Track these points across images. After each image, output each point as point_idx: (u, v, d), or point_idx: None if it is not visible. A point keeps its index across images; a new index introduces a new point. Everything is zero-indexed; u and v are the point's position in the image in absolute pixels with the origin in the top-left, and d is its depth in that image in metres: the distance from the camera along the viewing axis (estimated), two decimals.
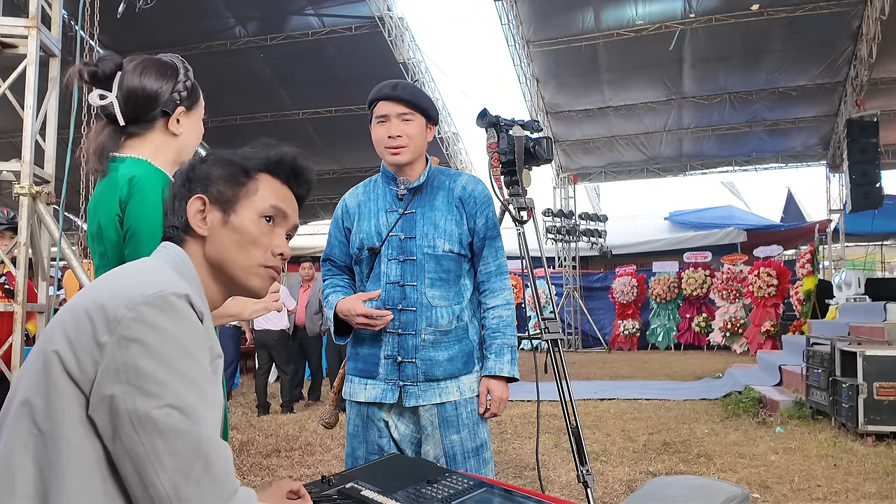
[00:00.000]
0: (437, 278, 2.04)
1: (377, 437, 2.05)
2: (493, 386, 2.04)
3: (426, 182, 2.11)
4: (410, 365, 2.02)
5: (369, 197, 2.16)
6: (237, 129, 14.12)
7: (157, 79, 1.57)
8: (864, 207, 11.39)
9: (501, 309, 2.08)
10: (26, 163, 3.20)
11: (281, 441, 5.49)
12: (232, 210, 1.14)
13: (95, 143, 1.59)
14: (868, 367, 4.97)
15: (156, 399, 0.88)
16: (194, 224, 1.13)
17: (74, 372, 0.90)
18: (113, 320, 0.90)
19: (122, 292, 0.94)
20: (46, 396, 0.90)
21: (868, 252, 19.12)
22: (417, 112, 2.05)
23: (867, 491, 3.82)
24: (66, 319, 0.95)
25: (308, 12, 11.16)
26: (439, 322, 2.03)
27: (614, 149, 15.89)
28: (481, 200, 2.11)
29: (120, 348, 0.89)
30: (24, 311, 3.24)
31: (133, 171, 1.53)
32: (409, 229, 2.06)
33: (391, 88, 2.07)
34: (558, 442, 5.06)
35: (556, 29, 12.06)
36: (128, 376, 0.88)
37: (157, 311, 0.92)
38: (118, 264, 1.55)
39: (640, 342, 14.71)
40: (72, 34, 8.36)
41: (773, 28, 11.44)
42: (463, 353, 2.05)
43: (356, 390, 2.08)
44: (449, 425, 2.02)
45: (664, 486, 1.62)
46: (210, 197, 1.14)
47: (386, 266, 2.06)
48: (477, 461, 2.04)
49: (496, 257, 2.12)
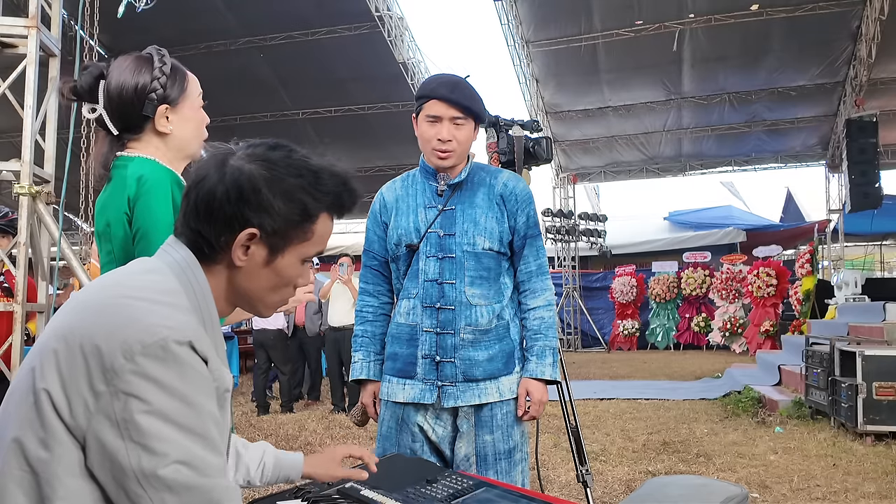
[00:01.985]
0: (477, 276, 2.00)
1: (410, 441, 2.02)
2: (532, 388, 2.00)
3: (467, 178, 2.06)
4: (449, 364, 1.98)
5: (407, 192, 2.10)
6: (237, 129, 14.11)
7: (131, 77, 1.53)
8: (863, 207, 11.39)
9: (543, 310, 2.04)
10: (26, 162, 3.20)
11: (281, 441, 5.49)
12: (280, 253, 1.03)
13: (99, 155, 1.60)
14: (867, 366, 4.97)
15: (162, 457, 0.84)
16: (236, 254, 1.01)
17: (66, 416, 0.86)
18: (109, 370, 0.85)
19: (120, 333, 0.87)
20: (41, 438, 0.86)
21: (867, 252, 19.11)
22: (470, 117, 1.99)
23: (866, 490, 3.82)
24: (59, 351, 0.89)
25: (308, 12, 11.14)
26: (479, 321, 1.99)
27: (614, 149, 15.88)
28: (522, 198, 2.06)
29: (118, 402, 0.84)
30: (24, 310, 3.24)
31: (142, 170, 1.52)
32: (449, 226, 2.01)
33: (449, 90, 1.96)
34: (558, 442, 5.06)
35: (556, 29, 12.06)
36: (129, 433, 0.84)
37: (157, 362, 0.86)
38: (125, 262, 1.56)
39: (640, 342, 14.71)
40: (71, 34, 8.36)
41: (773, 28, 11.43)
42: (504, 354, 2.01)
43: (394, 390, 2.04)
44: (483, 426, 1.99)
45: (663, 485, 1.62)
46: (263, 233, 1.00)
47: (424, 263, 2.01)
48: (508, 463, 2.00)
49: (537, 256, 2.07)
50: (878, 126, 11.19)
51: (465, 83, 2.03)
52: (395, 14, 11.66)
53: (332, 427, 6.05)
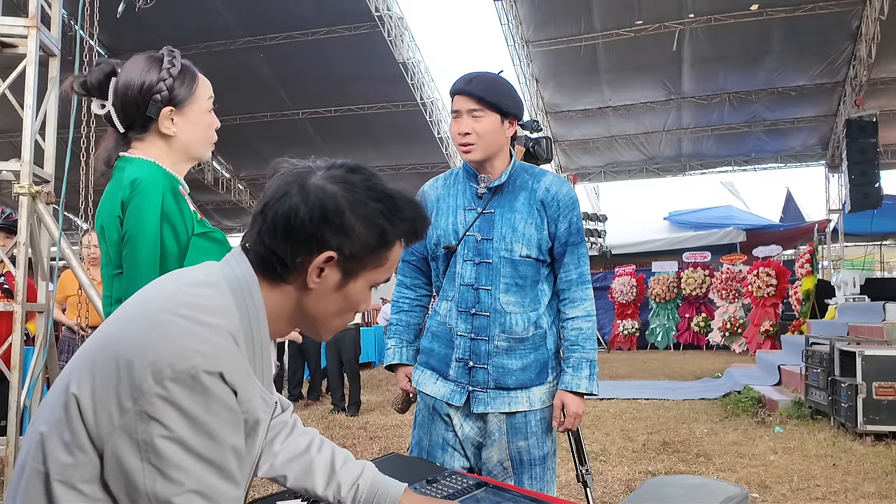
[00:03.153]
0: (513, 283, 1.96)
1: (443, 429, 2.02)
2: (569, 401, 1.97)
3: (508, 181, 2.00)
4: (482, 371, 1.96)
5: (448, 192, 2.08)
6: (237, 129, 14.11)
7: (138, 77, 1.53)
8: (863, 207, 11.40)
9: (581, 321, 1.99)
10: (26, 162, 3.20)
11: None
12: (353, 279, 1.01)
13: (104, 150, 1.59)
14: (867, 366, 4.97)
15: (177, 485, 0.85)
16: (310, 277, 0.98)
17: (90, 424, 0.87)
18: (137, 388, 0.85)
19: (154, 351, 0.87)
20: (65, 442, 0.88)
21: (867, 252, 19.12)
22: (489, 108, 1.93)
23: (866, 490, 3.82)
24: (97, 359, 0.90)
25: (308, 12, 11.14)
26: (514, 329, 1.95)
27: (614, 149, 15.90)
28: (565, 204, 1.99)
29: (142, 423, 0.84)
30: (23, 310, 3.24)
31: (137, 173, 1.51)
32: (487, 230, 1.98)
33: (465, 82, 1.95)
34: (557, 441, 5.06)
35: (556, 29, 12.06)
36: (148, 455, 0.84)
37: (185, 390, 0.85)
38: (119, 265, 1.55)
39: (640, 342, 14.72)
40: (71, 34, 8.35)
41: (773, 28, 11.44)
42: (538, 363, 1.98)
43: (425, 381, 2.05)
44: (517, 432, 1.97)
45: (663, 485, 1.62)
46: (341, 256, 0.98)
47: (461, 267, 1.99)
48: (542, 469, 2.00)
49: (578, 265, 2.02)
50: (878, 126, 11.20)
51: (486, 75, 1.99)
52: (395, 14, 11.67)
53: (331, 427, 6.05)
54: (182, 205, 1.54)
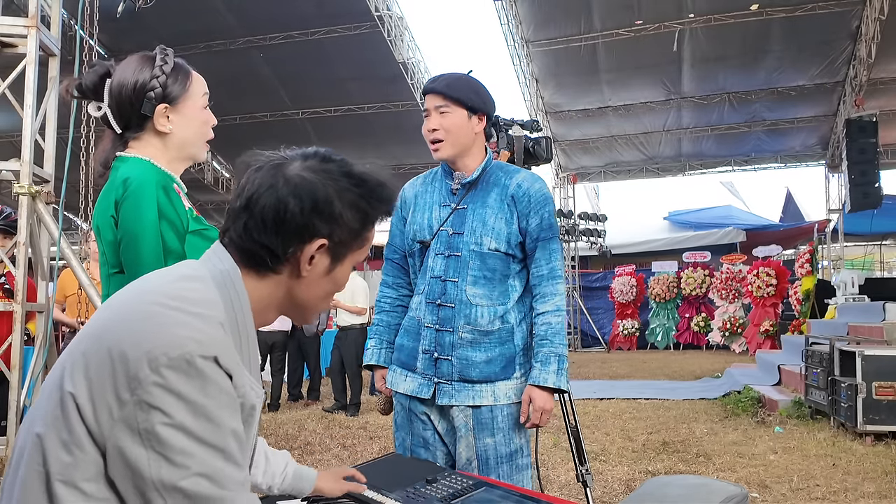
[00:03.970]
0: (481, 276, 1.99)
1: (422, 428, 2.04)
2: (535, 395, 1.95)
3: (481, 177, 2.05)
4: (446, 362, 1.98)
5: (426, 189, 2.14)
6: (237, 129, 14.11)
7: (131, 76, 1.54)
8: (862, 207, 11.40)
9: (551, 315, 2.00)
10: (26, 162, 3.20)
11: (280, 440, 5.49)
12: (340, 262, 1.06)
13: (102, 152, 1.60)
14: (867, 366, 4.98)
15: (182, 469, 0.85)
16: (303, 266, 1.02)
17: (90, 421, 0.87)
18: (134, 379, 0.86)
19: (148, 341, 0.88)
20: (64, 441, 0.88)
21: (867, 252, 19.12)
22: (454, 103, 1.98)
23: (866, 490, 3.82)
24: (89, 354, 0.90)
25: (308, 12, 11.14)
26: (478, 321, 1.97)
27: (613, 149, 15.89)
28: (537, 199, 2.02)
29: (141, 412, 0.85)
30: (23, 310, 3.24)
31: (130, 172, 1.51)
32: (459, 225, 2.02)
33: (431, 81, 2.03)
34: (557, 441, 5.06)
35: (556, 29, 12.06)
36: (151, 444, 0.85)
37: (181, 376, 0.87)
38: (116, 265, 1.55)
39: (640, 342, 14.72)
40: (71, 34, 8.35)
41: (773, 28, 11.44)
42: (503, 358, 1.99)
43: (397, 381, 2.08)
44: (483, 428, 1.97)
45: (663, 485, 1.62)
46: (331, 243, 1.01)
47: (432, 260, 2.04)
48: (510, 467, 1.98)
49: (549, 260, 2.02)
50: (877, 126, 11.20)
51: (452, 74, 2.06)
52: (394, 14, 11.66)
53: (331, 427, 6.05)
54: (175, 202, 1.54)
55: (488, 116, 2.06)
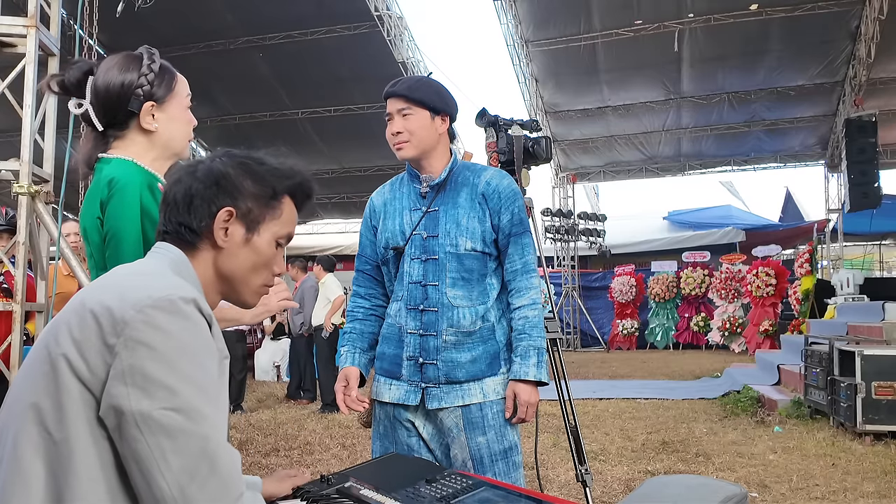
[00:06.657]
0: (459, 278, 1.99)
1: (406, 436, 2.03)
2: (519, 390, 1.96)
3: (449, 178, 2.05)
4: (432, 367, 1.97)
5: (395, 195, 2.12)
6: (237, 129, 14.11)
7: (118, 74, 1.53)
8: (862, 207, 11.40)
9: (527, 309, 2.01)
10: (25, 162, 3.20)
11: (280, 440, 5.49)
12: (256, 230, 1.14)
13: (84, 152, 1.59)
14: (866, 366, 4.98)
15: (161, 401, 0.88)
16: (218, 235, 1.11)
17: (84, 374, 0.90)
18: (120, 322, 0.90)
19: (130, 294, 0.94)
20: (57, 400, 0.90)
21: (866, 252, 19.13)
22: (416, 105, 1.99)
23: (865, 490, 3.82)
24: (70, 320, 0.94)
25: (308, 12, 11.14)
26: (461, 322, 1.98)
27: (613, 148, 15.89)
28: (506, 195, 2.03)
29: (127, 350, 0.89)
30: (23, 310, 3.24)
31: (114, 173, 1.51)
32: (432, 228, 2.01)
33: (391, 85, 2.03)
34: (557, 441, 5.06)
35: (555, 29, 12.06)
36: (133, 378, 0.88)
37: (166, 314, 0.92)
38: (103, 266, 1.55)
39: (639, 341, 14.72)
40: (71, 33, 8.34)
41: (772, 28, 11.44)
42: (487, 355, 1.99)
43: (381, 390, 2.06)
44: (475, 427, 1.97)
45: (663, 485, 1.62)
46: (238, 212, 1.12)
47: (409, 265, 2.02)
48: (506, 464, 1.98)
49: (522, 255, 2.04)
50: (877, 126, 11.20)
51: (412, 77, 2.09)
52: (394, 14, 11.66)
53: (331, 427, 6.05)
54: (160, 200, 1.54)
55: (451, 117, 2.07)
